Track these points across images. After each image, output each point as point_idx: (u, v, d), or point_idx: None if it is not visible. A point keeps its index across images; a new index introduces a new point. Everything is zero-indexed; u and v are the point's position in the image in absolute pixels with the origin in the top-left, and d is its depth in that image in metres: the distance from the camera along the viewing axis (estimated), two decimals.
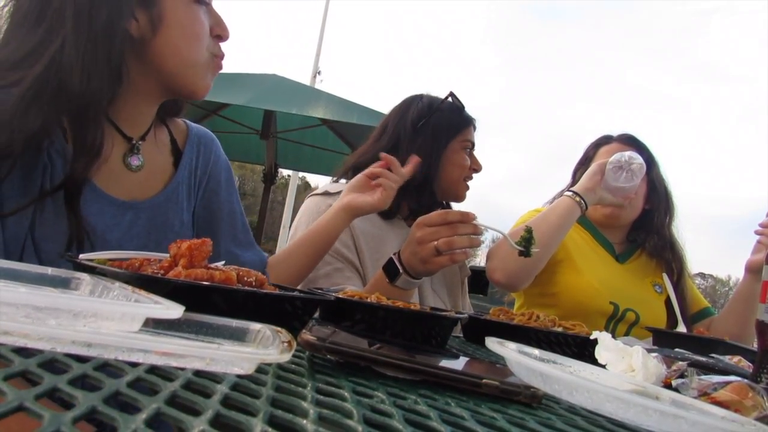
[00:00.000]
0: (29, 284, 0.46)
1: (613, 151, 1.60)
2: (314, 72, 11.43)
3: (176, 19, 0.79)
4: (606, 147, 1.64)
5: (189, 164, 0.95)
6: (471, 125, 1.38)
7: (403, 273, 1.02)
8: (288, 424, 0.27)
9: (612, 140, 1.65)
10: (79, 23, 0.73)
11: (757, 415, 0.49)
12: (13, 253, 0.72)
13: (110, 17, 0.75)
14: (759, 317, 0.62)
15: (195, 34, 0.81)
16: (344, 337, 0.49)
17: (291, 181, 9.93)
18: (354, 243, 1.26)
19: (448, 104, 1.37)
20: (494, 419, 0.37)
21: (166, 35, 0.79)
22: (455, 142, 1.34)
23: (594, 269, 1.53)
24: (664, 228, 1.61)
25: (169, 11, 0.79)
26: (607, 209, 1.56)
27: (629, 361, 0.60)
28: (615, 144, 1.63)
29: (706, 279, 35.74)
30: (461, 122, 1.36)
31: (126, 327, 0.35)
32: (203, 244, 0.56)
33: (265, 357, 0.33)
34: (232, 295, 0.52)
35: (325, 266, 1.21)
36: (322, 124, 4.84)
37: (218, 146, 1.03)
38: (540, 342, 0.86)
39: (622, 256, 1.61)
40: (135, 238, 0.84)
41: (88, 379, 0.29)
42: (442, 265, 0.99)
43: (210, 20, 0.84)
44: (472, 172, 1.37)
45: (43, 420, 0.22)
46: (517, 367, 0.49)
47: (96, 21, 0.74)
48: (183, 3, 0.80)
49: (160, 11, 0.78)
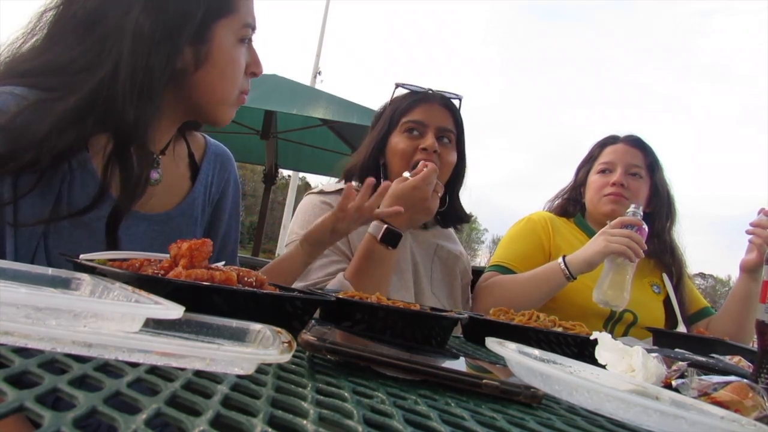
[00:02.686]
0: (29, 285, 0.46)
1: (619, 152, 1.60)
2: (314, 72, 11.44)
3: (221, 59, 0.79)
4: (612, 147, 1.63)
5: (205, 180, 0.95)
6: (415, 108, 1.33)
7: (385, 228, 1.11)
8: (288, 425, 0.27)
9: (618, 140, 1.64)
10: (138, 49, 0.71)
11: (757, 415, 0.49)
12: (23, 257, 0.71)
13: (168, 50, 0.73)
14: (759, 317, 0.62)
15: (232, 75, 0.81)
16: (339, 335, 0.49)
17: (291, 181, 9.94)
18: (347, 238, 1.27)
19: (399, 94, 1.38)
20: (494, 419, 0.37)
21: (207, 73, 0.79)
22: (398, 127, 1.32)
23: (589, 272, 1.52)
24: (665, 232, 1.61)
25: (216, 51, 0.79)
26: (607, 207, 1.56)
27: (629, 361, 0.60)
28: (621, 145, 1.62)
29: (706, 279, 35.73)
30: (404, 107, 1.33)
31: (126, 327, 0.35)
32: (203, 244, 0.56)
33: (265, 357, 0.33)
34: (232, 296, 0.52)
35: (321, 258, 1.22)
36: (322, 124, 4.84)
37: (234, 165, 1.03)
38: (540, 342, 0.86)
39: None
40: (146, 249, 0.83)
41: (88, 380, 0.29)
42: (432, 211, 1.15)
43: (247, 58, 0.84)
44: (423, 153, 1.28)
45: (43, 420, 0.22)
46: (517, 367, 0.49)
47: (155, 52, 0.72)
48: (230, 44, 0.80)
49: (209, 50, 0.78)
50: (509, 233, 1.63)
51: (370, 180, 1.02)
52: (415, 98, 1.33)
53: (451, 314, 0.77)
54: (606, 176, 1.61)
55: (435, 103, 1.33)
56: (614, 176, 1.58)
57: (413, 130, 1.30)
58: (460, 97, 1.37)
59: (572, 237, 1.60)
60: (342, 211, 0.98)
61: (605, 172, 1.61)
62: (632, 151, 1.62)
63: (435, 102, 1.33)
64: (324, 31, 11.80)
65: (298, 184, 10.51)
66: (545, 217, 1.64)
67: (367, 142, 1.39)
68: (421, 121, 1.30)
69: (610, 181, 1.58)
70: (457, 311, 0.89)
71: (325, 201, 1.31)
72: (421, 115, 1.31)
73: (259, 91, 3.88)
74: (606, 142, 1.67)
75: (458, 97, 1.37)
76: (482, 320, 0.95)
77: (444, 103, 1.34)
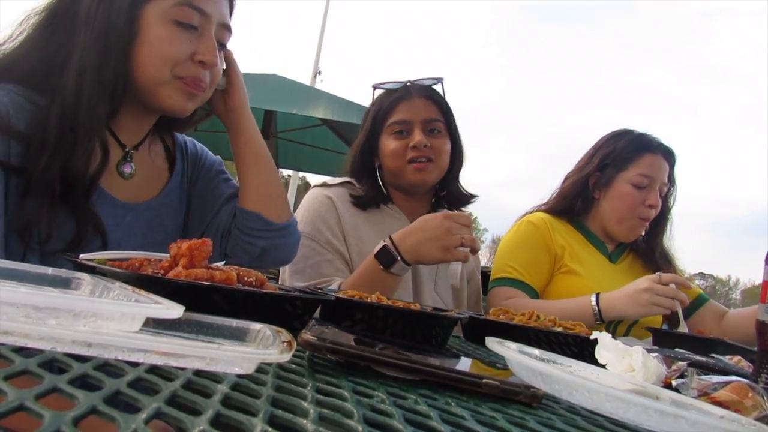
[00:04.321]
0: (29, 284, 0.46)
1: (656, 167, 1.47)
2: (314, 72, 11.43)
3: (149, 37, 0.81)
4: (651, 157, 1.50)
5: (181, 170, 1.01)
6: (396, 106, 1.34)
7: (399, 260, 1.07)
8: (288, 424, 0.27)
9: (656, 150, 1.51)
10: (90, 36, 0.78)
11: (757, 415, 0.49)
12: (14, 254, 0.73)
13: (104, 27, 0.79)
14: (759, 317, 0.62)
15: (160, 53, 0.82)
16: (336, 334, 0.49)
17: (291, 181, 9.94)
18: (342, 233, 1.27)
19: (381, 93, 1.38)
20: (494, 419, 0.37)
21: (139, 52, 0.81)
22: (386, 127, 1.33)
23: (589, 272, 1.49)
24: (662, 242, 1.60)
25: (144, 29, 0.81)
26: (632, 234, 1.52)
27: (629, 361, 0.60)
28: (658, 157, 1.51)
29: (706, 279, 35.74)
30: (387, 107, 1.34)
31: (126, 327, 0.35)
32: (203, 244, 0.56)
33: (265, 357, 0.33)
34: (232, 295, 0.52)
35: (315, 256, 1.22)
36: (322, 124, 4.84)
37: (201, 147, 1.07)
38: (540, 342, 0.86)
39: (614, 255, 1.59)
40: (132, 238, 0.88)
41: (88, 379, 0.29)
42: (458, 257, 1.07)
43: (197, 46, 0.84)
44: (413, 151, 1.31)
45: (44, 420, 0.22)
46: (518, 366, 0.49)
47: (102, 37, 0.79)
48: (158, 23, 0.81)
49: (138, 27, 0.81)
50: (511, 239, 1.56)
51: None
52: (394, 96, 1.34)
53: (451, 314, 0.77)
54: (642, 194, 1.49)
55: (415, 96, 1.33)
56: (650, 197, 1.48)
57: (401, 131, 1.31)
58: (440, 79, 1.36)
59: (568, 237, 1.55)
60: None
61: (641, 188, 1.49)
62: (665, 167, 1.51)
63: (415, 95, 1.33)
64: (324, 31, 11.80)
65: (297, 183, 10.51)
66: (542, 217, 1.58)
67: (354, 144, 1.40)
68: (405, 120, 1.31)
69: (646, 201, 1.48)
70: (457, 311, 0.89)
71: (328, 194, 1.32)
72: (404, 114, 1.31)
73: (258, 90, 3.88)
74: (644, 147, 1.51)
75: (438, 80, 1.36)
76: (482, 320, 0.95)
77: (425, 94, 1.33)
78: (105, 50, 0.78)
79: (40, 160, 0.73)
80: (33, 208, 0.73)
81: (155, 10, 0.81)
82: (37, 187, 0.73)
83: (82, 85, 0.77)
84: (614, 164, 1.53)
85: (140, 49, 0.81)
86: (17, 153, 0.73)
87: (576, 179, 1.59)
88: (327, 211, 1.30)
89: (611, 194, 1.52)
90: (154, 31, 0.81)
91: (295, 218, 1.02)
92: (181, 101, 0.86)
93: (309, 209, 1.31)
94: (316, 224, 1.28)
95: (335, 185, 1.36)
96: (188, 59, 0.83)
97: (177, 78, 0.84)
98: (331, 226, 1.28)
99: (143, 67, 0.82)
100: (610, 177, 1.53)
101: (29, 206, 0.73)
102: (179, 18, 0.82)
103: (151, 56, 0.81)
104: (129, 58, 0.81)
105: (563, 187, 1.64)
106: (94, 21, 0.78)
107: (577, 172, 1.61)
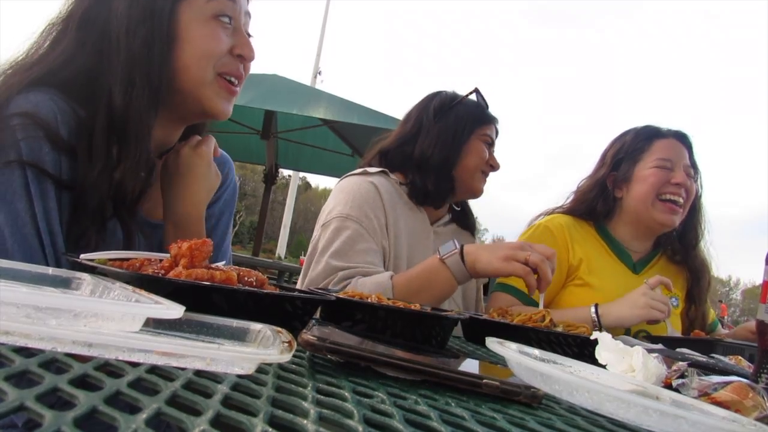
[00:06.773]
0: (30, 284, 0.46)
1: (673, 148, 1.41)
2: (315, 72, 11.45)
3: (189, 35, 0.80)
4: (664, 141, 1.45)
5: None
6: (493, 123, 1.38)
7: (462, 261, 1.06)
8: (288, 424, 0.27)
9: (667, 135, 1.46)
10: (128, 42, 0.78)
11: (757, 415, 0.49)
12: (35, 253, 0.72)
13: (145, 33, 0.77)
14: (759, 317, 0.62)
15: (203, 49, 0.80)
16: (338, 334, 0.49)
17: (291, 181, 9.95)
18: (386, 225, 1.26)
19: (473, 99, 1.40)
20: (494, 419, 0.37)
21: (180, 52, 0.80)
22: (476, 134, 1.34)
23: (605, 284, 1.40)
24: (698, 243, 1.50)
25: (183, 28, 0.79)
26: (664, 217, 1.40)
27: (629, 361, 0.60)
28: (672, 140, 1.45)
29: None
30: (484, 117, 1.37)
31: (127, 327, 0.35)
32: (204, 244, 0.56)
33: (265, 357, 0.33)
34: (232, 295, 0.52)
35: (362, 241, 1.19)
36: (322, 124, 4.85)
37: (232, 168, 1.05)
38: (540, 342, 0.86)
39: (639, 264, 1.49)
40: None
41: (88, 379, 0.29)
42: (516, 272, 1.03)
43: (234, 40, 0.84)
44: (489, 168, 1.36)
45: (44, 420, 0.22)
46: (518, 367, 0.49)
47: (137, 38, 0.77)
48: (197, 20, 0.80)
49: (176, 28, 0.79)
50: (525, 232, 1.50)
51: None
52: (488, 113, 1.39)
53: (451, 314, 0.77)
54: (666, 173, 1.41)
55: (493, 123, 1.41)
56: (676, 175, 1.40)
57: (487, 143, 1.36)
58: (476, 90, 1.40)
59: (590, 246, 1.47)
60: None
61: (664, 168, 1.41)
62: (683, 150, 1.44)
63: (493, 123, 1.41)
64: (324, 31, 11.81)
65: (298, 183, 10.51)
66: (562, 224, 1.48)
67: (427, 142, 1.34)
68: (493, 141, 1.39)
69: (672, 180, 1.39)
70: (457, 311, 0.89)
71: (373, 182, 1.28)
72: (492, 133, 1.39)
73: (259, 91, 3.88)
74: (652, 134, 1.46)
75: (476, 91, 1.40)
76: (482, 320, 0.95)
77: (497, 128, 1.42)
78: (150, 58, 0.77)
79: (89, 175, 0.71)
80: (84, 223, 0.72)
81: (191, 8, 0.80)
82: (89, 201, 0.72)
83: (132, 97, 0.75)
84: (628, 158, 1.47)
85: (181, 52, 0.79)
86: (67, 167, 0.72)
87: (592, 182, 1.53)
88: (374, 199, 1.25)
89: (634, 184, 1.45)
90: (195, 30, 0.80)
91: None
92: (221, 103, 0.85)
93: (355, 194, 1.25)
94: (363, 209, 1.23)
95: (376, 174, 1.32)
96: (227, 54, 0.83)
97: (218, 75, 0.83)
98: (378, 216, 1.24)
99: (186, 69, 0.80)
100: (628, 171, 1.46)
101: (81, 220, 0.72)
102: (217, 12, 0.81)
103: (194, 56, 0.80)
104: (172, 61, 0.79)
105: (580, 189, 1.56)
106: (134, 29, 0.76)
107: (592, 176, 1.55)
